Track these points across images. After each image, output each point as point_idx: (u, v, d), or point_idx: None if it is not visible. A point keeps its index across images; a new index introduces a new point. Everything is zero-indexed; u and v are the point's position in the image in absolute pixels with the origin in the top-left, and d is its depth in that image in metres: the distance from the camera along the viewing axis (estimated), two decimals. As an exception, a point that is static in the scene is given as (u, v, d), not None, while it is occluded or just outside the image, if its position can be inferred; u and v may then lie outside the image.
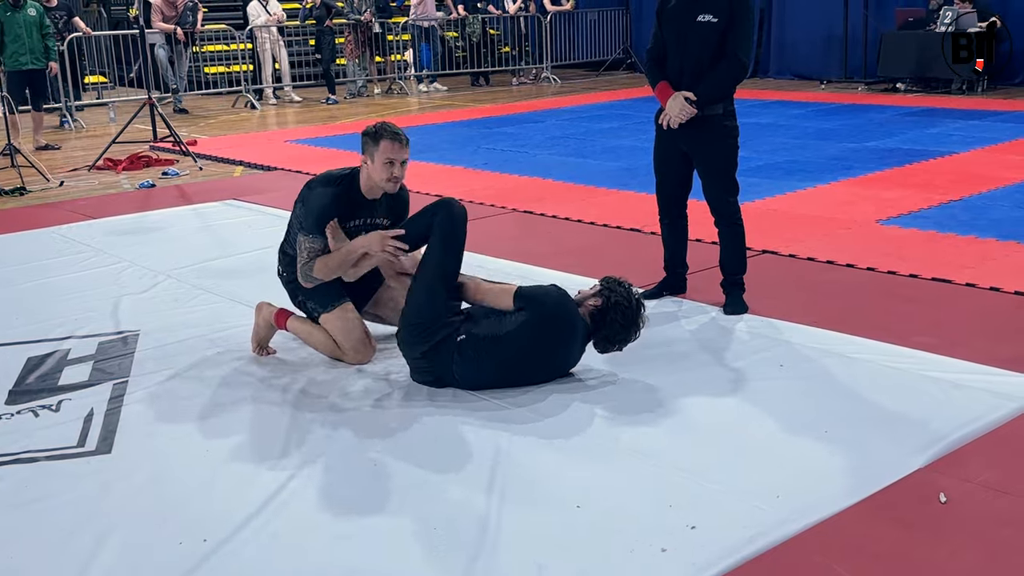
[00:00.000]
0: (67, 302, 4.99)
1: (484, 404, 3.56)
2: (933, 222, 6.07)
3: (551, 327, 3.64)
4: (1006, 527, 2.71)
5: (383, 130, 3.87)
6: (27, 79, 9.93)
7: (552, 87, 15.80)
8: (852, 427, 3.32)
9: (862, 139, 9.29)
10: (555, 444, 3.27)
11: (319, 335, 4.03)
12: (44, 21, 10.00)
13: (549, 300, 3.67)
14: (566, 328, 3.66)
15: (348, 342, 3.95)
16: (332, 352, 4.01)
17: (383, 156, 3.84)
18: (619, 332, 3.69)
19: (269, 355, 4.13)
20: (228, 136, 11.25)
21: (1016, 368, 3.74)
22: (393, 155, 3.84)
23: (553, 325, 3.64)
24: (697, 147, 4.45)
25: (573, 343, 3.71)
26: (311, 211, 3.90)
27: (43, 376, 4.03)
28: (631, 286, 3.76)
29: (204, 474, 3.15)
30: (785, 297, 4.70)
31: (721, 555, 2.59)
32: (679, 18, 4.36)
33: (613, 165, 8.42)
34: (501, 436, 3.31)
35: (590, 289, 3.78)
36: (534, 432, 3.35)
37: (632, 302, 3.69)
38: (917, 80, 13.06)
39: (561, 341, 3.68)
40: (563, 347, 3.70)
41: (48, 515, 2.93)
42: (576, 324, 3.68)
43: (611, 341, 3.72)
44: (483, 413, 3.50)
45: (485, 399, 3.60)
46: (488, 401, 3.58)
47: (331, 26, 14.51)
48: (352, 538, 2.75)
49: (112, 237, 6.37)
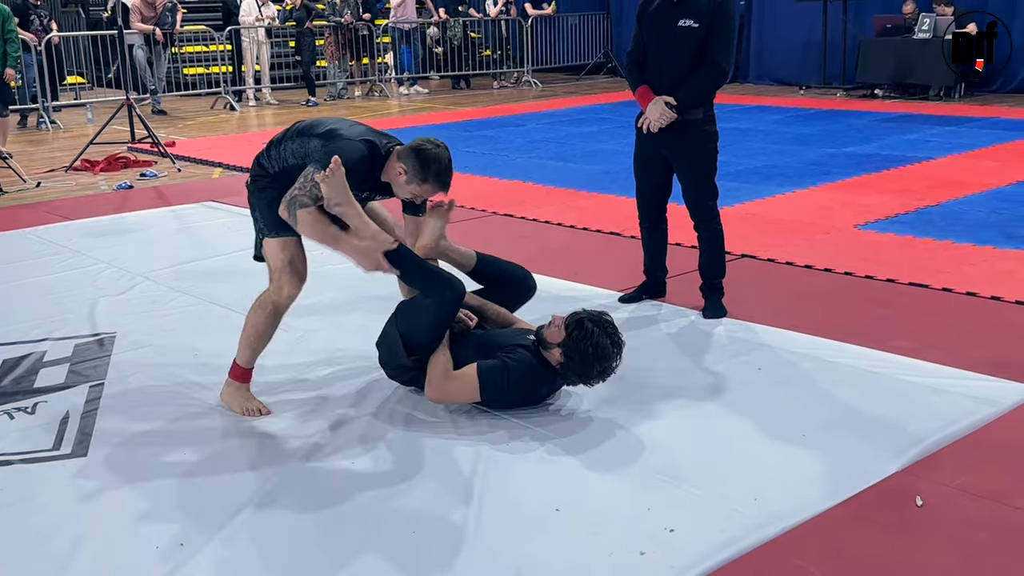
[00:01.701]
0: (43, 304, 4.95)
1: (463, 409, 3.55)
2: (910, 227, 6.11)
3: (521, 402, 3.51)
4: (982, 530, 2.73)
5: (438, 175, 3.45)
6: None
7: (533, 91, 15.81)
8: (830, 431, 3.33)
9: (840, 144, 9.35)
10: (534, 448, 3.26)
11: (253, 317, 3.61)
12: (7, 26, 9.31)
13: (510, 389, 3.44)
14: (535, 397, 3.54)
15: (287, 273, 3.54)
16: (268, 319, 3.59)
17: (417, 190, 3.51)
18: (592, 375, 3.46)
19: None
20: (207, 138, 11.20)
21: (992, 372, 3.77)
22: (426, 196, 3.62)
23: (522, 401, 3.51)
24: (677, 151, 4.47)
25: (547, 393, 3.59)
26: (336, 153, 3.40)
27: (18, 378, 3.99)
28: (597, 323, 3.43)
29: (181, 477, 3.13)
30: (764, 301, 4.72)
31: (699, 558, 2.59)
32: (660, 22, 4.37)
33: (593, 169, 8.43)
34: (481, 440, 3.31)
35: (556, 328, 3.46)
36: (513, 436, 3.35)
37: (594, 349, 3.38)
38: (895, 86, 13.16)
39: (534, 400, 3.56)
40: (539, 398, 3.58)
41: (23, 518, 2.90)
42: (542, 390, 3.53)
43: (586, 381, 3.50)
44: (462, 418, 3.49)
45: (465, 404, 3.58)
46: (468, 406, 3.56)
47: (311, 28, 14.47)
48: (330, 537, 2.74)
49: (89, 239, 6.32)
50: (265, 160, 3.58)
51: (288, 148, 3.53)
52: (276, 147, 3.56)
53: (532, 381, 3.49)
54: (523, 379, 3.45)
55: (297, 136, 3.55)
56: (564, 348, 3.41)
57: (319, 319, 4.53)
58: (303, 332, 4.35)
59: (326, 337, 4.34)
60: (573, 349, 3.39)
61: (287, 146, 3.54)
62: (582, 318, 3.44)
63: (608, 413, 3.52)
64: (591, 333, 3.39)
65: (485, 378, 3.41)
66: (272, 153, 3.56)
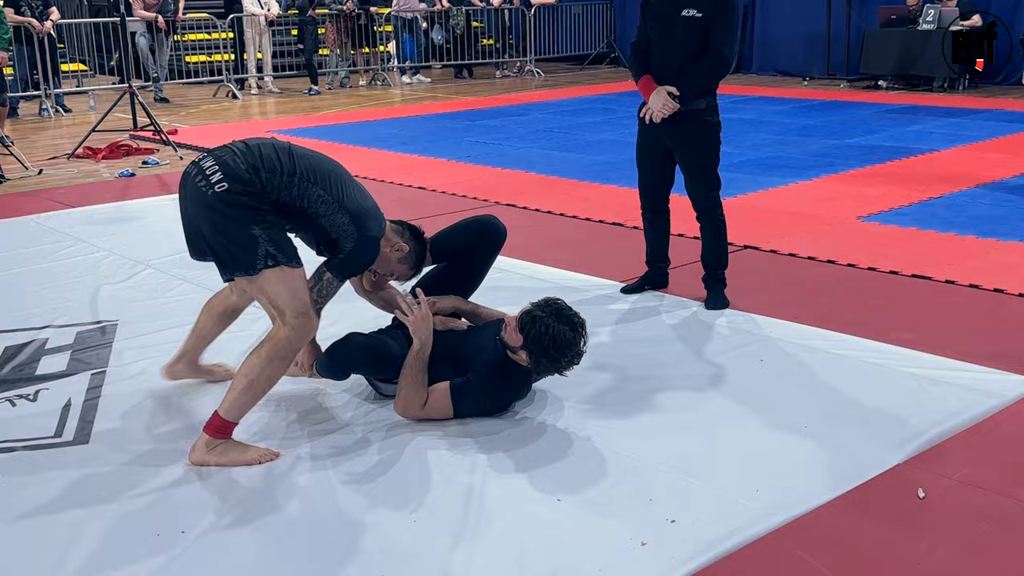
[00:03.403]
0: (45, 291, 4.95)
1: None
2: (913, 219, 6.10)
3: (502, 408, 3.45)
4: (983, 522, 2.72)
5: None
6: None
7: (535, 80, 15.78)
8: (831, 422, 3.33)
9: (844, 136, 9.33)
10: (535, 438, 3.26)
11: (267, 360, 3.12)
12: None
13: (488, 407, 3.38)
14: (516, 399, 3.49)
15: (297, 303, 3.10)
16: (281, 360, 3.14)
17: (405, 272, 3.53)
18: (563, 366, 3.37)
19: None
20: (209, 126, 11.18)
21: (994, 364, 3.76)
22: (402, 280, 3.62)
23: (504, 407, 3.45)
24: (679, 142, 4.45)
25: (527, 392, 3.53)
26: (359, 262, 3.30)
27: (20, 365, 3.99)
28: (550, 312, 3.31)
29: (182, 465, 3.12)
30: (766, 293, 4.71)
31: (701, 549, 2.59)
32: (663, 12, 4.35)
33: (596, 159, 8.42)
34: (479, 432, 3.30)
35: (512, 331, 3.33)
36: (514, 426, 3.34)
37: (554, 341, 3.27)
38: (899, 77, 13.12)
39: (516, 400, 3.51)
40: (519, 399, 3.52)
41: (24, 505, 2.90)
42: (521, 392, 3.48)
43: (560, 372, 3.41)
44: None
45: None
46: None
47: (314, 16, 14.44)
48: (332, 525, 2.74)
49: (91, 226, 6.32)
50: (263, 182, 3.05)
51: (308, 192, 3.10)
52: (286, 177, 3.08)
53: (507, 390, 3.42)
54: (498, 393, 3.39)
55: (314, 182, 3.12)
56: (527, 349, 3.30)
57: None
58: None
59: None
60: (535, 348, 3.28)
61: (307, 189, 3.10)
62: (533, 314, 3.30)
63: (609, 404, 3.52)
64: (547, 326, 3.26)
65: (459, 399, 3.33)
66: (276, 181, 3.07)
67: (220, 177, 3.00)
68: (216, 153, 3.11)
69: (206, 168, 3.04)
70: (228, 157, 3.06)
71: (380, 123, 10.91)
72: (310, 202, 3.11)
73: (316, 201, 3.11)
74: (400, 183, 7.61)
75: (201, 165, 3.07)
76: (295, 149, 3.20)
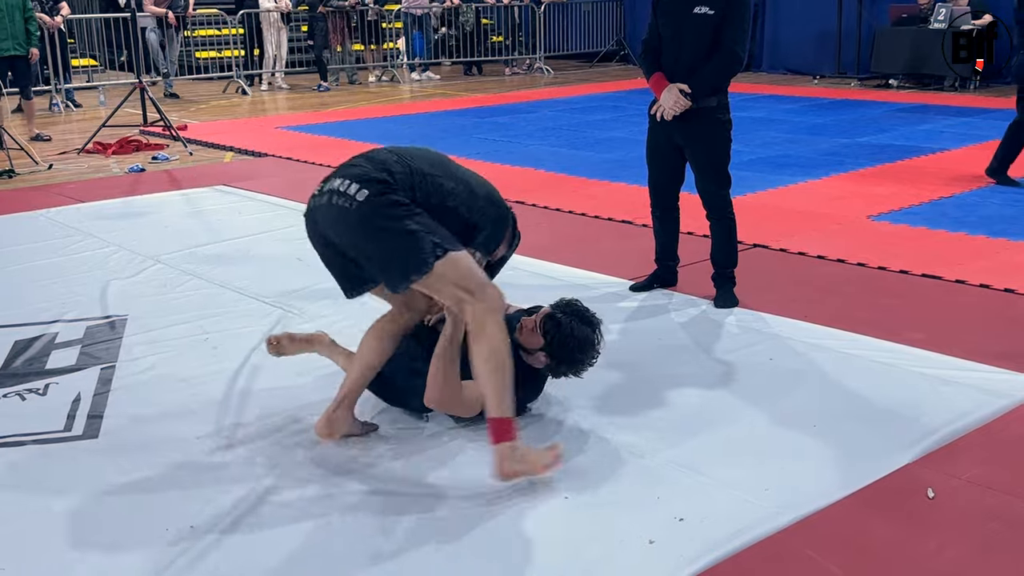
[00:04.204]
0: (55, 286, 4.96)
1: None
2: (924, 218, 6.08)
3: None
4: (993, 522, 2.72)
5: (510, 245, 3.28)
6: (7, 66, 9.38)
7: (545, 78, 15.76)
8: (841, 422, 3.32)
9: (854, 135, 9.30)
10: (543, 436, 3.26)
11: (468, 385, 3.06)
12: (27, 4, 9.41)
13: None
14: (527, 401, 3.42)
15: (479, 276, 2.92)
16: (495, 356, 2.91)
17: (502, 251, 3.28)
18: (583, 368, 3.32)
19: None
20: (219, 121, 11.20)
21: (1005, 364, 3.75)
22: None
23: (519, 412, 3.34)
24: (690, 140, 4.44)
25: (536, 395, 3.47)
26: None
27: (30, 360, 4.00)
28: (570, 313, 3.26)
29: (191, 460, 3.13)
30: (775, 291, 4.70)
31: (709, 547, 2.59)
32: (675, 10, 4.34)
33: (605, 157, 8.41)
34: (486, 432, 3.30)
35: (530, 332, 3.27)
36: (522, 424, 3.34)
37: (579, 343, 3.22)
38: (910, 76, 13.08)
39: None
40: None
41: (34, 499, 2.91)
42: (538, 393, 3.44)
43: (578, 374, 3.33)
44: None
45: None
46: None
47: (324, 12, 14.45)
48: (340, 520, 2.74)
49: (101, 221, 6.33)
50: (397, 179, 2.89)
51: (441, 186, 2.97)
52: (416, 176, 2.94)
53: (528, 391, 3.36)
54: (520, 395, 3.22)
55: (440, 175, 3.00)
56: (547, 351, 3.23)
57: (333, 302, 4.54)
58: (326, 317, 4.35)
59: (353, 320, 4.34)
60: (559, 352, 3.20)
61: (437, 182, 2.97)
62: (556, 317, 3.22)
63: (617, 401, 3.51)
64: (572, 329, 3.20)
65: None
66: (408, 179, 2.91)
67: (357, 187, 2.83)
68: (338, 173, 2.94)
69: (337, 187, 2.86)
70: (352, 170, 2.91)
71: (389, 120, 10.91)
72: (445, 194, 2.96)
73: (450, 194, 2.97)
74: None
75: (330, 188, 2.89)
76: (402, 149, 3.08)
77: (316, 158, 8.56)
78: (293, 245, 5.65)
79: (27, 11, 9.45)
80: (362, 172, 2.89)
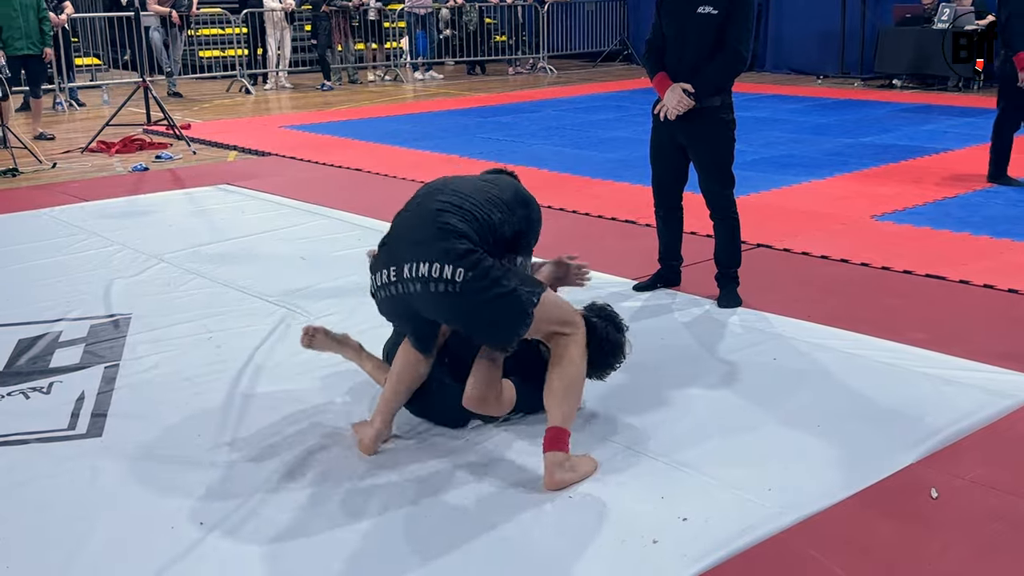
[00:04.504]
0: (59, 284, 4.97)
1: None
2: (928, 218, 6.07)
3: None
4: (996, 522, 2.71)
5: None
6: (21, 64, 9.50)
7: (548, 77, 15.77)
8: (844, 421, 3.32)
9: (858, 135, 9.29)
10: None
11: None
12: (41, 4, 9.51)
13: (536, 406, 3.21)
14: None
15: (568, 310, 3.10)
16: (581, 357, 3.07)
17: None
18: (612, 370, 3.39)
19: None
20: (222, 120, 11.21)
21: (1008, 365, 3.75)
22: None
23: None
24: (694, 139, 4.44)
25: None
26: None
27: (34, 358, 4.01)
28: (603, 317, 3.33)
29: (194, 459, 3.13)
30: (779, 291, 4.70)
31: (712, 547, 2.59)
32: (679, 10, 4.34)
33: (609, 156, 8.41)
34: (493, 431, 3.30)
35: None
36: (527, 423, 3.34)
37: (612, 347, 3.30)
38: (914, 76, 13.07)
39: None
40: None
41: (38, 498, 2.91)
42: None
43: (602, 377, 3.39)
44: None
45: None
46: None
47: (327, 11, 14.45)
48: (346, 519, 2.74)
49: (105, 220, 6.34)
50: (472, 240, 2.93)
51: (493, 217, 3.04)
52: (478, 223, 3.00)
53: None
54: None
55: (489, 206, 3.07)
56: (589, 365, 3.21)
57: (338, 301, 4.54)
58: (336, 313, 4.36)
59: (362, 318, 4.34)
60: (593, 354, 3.18)
61: (491, 215, 3.04)
62: (591, 321, 3.23)
63: (621, 401, 3.51)
64: (606, 332, 3.27)
65: (521, 401, 3.27)
66: (479, 227, 2.98)
67: (452, 268, 2.86)
68: (417, 255, 2.91)
69: (431, 274, 2.88)
70: (431, 250, 2.89)
71: (392, 119, 10.91)
72: (496, 225, 3.03)
73: (500, 223, 3.04)
74: (412, 179, 7.60)
75: (422, 276, 2.89)
76: (438, 195, 3.08)
77: (319, 157, 8.57)
78: (296, 244, 5.67)
79: (41, 11, 9.53)
80: (444, 250, 2.88)
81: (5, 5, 9.25)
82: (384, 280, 3.01)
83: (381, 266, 3.04)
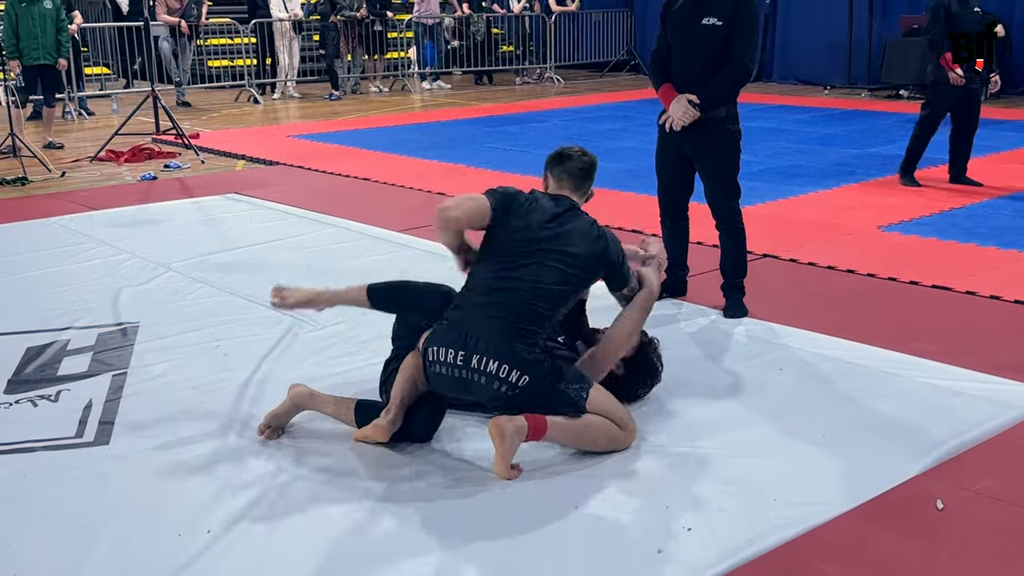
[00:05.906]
0: (67, 293, 4.99)
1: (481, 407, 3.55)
2: (934, 229, 6.07)
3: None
4: (1002, 534, 2.71)
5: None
6: (37, 74, 9.57)
7: (555, 87, 15.79)
8: (850, 433, 3.32)
9: (865, 145, 9.29)
10: (552, 446, 3.25)
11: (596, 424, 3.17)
12: (60, 15, 9.57)
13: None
14: None
15: (622, 411, 3.26)
16: (613, 442, 3.20)
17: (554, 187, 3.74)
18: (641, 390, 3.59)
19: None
20: (230, 130, 11.24)
21: (1015, 376, 3.74)
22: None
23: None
24: (699, 150, 4.45)
25: None
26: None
27: (42, 366, 4.02)
28: (655, 349, 3.62)
29: (202, 467, 3.14)
30: (785, 302, 4.70)
31: (717, 558, 2.59)
32: (684, 21, 4.36)
33: (615, 166, 8.41)
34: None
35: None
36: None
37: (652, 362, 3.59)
38: (920, 87, 13.03)
39: None
40: None
41: (45, 505, 2.93)
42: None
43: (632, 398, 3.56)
44: (480, 415, 3.50)
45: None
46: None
47: (335, 22, 14.50)
48: (351, 525, 2.75)
49: (113, 228, 6.36)
50: (541, 330, 3.19)
51: (577, 290, 3.35)
52: (526, 306, 3.16)
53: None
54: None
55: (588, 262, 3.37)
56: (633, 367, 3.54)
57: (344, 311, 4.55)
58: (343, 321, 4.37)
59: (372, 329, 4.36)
60: (652, 381, 3.59)
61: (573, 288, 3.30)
62: (648, 336, 3.59)
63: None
64: (655, 351, 3.61)
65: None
66: (529, 322, 3.15)
67: (517, 374, 3.08)
68: (491, 349, 3.07)
69: (500, 374, 3.08)
70: (508, 350, 3.07)
71: (400, 129, 10.94)
72: (557, 297, 3.24)
73: (561, 294, 3.26)
74: (419, 188, 7.63)
75: (488, 371, 3.08)
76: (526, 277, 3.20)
77: (327, 167, 8.60)
78: (304, 253, 5.69)
79: (59, 22, 9.58)
80: (517, 358, 3.07)
81: (25, 16, 9.34)
82: (450, 360, 3.12)
83: (448, 344, 3.12)
